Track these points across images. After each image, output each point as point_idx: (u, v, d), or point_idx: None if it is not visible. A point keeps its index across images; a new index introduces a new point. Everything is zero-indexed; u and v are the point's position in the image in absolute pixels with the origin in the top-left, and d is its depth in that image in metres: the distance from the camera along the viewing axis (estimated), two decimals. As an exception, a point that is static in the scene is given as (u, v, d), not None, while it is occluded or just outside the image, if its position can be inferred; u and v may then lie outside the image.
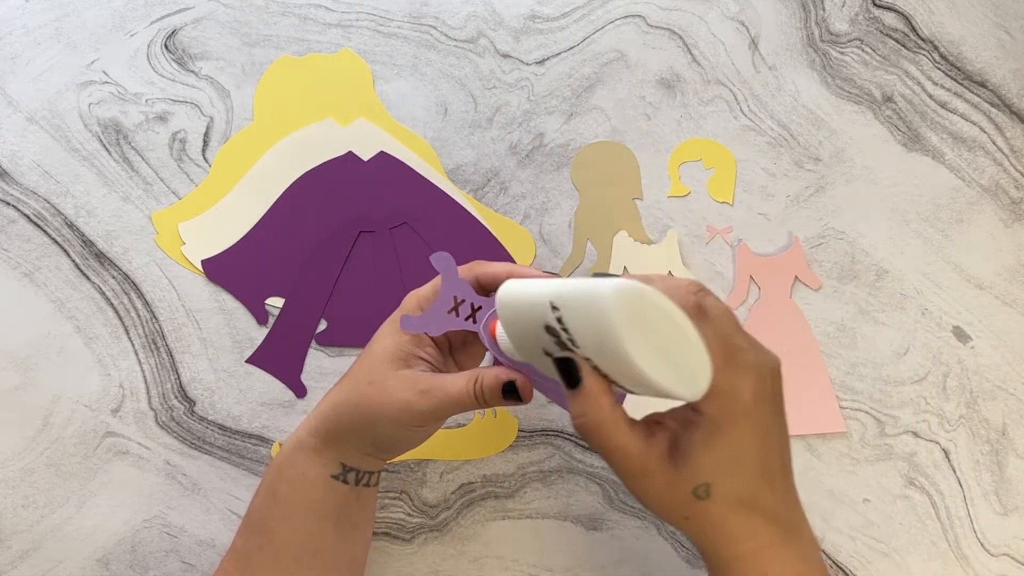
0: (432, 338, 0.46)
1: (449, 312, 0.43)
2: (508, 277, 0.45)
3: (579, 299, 0.34)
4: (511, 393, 0.42)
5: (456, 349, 0.48)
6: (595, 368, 0.36)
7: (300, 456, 0.45)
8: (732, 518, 0.37)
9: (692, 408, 0.37)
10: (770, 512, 0.37)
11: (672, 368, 0.33)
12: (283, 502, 0.44)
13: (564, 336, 0.35)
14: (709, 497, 0.36)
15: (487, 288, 0.45)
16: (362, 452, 0.45)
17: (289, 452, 0.45)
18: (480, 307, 0.44)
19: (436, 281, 0.45)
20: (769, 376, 0.37)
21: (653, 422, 0.38)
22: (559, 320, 0.35)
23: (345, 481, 0.45)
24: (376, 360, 0.44)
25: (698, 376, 0.34)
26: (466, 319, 0.44)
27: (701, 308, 0.36)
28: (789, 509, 0.38)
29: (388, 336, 0.45)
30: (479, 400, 0.42)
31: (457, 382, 0.42)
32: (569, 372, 0.36)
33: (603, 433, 0.36)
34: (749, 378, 0.36)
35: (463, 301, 0.44)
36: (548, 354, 0.37)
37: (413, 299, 0.46)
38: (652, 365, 0.33)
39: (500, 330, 0.42)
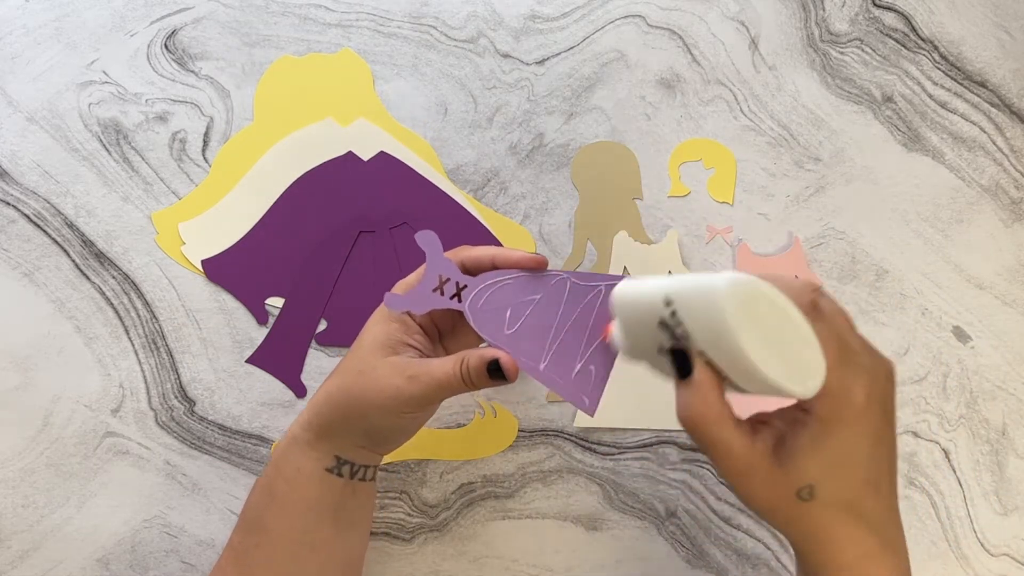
0: (421, 325, 0.46)
1: (434, 291, 0.44)
2: (492, 260, 0.45)
3: (694, 293, 0.34)
4: (496, 372, 0.41)
5: (445, 336, 0.48)
6: (708, 363, 0.35)
7: (295, 451, 0.45)
8: (835, 523, 0.36)
9: (801, 408, 0.36)
10: (874, 521, 0.36)
11: (785, 364, 0.33)
12: (280, 499, 0.44)
13: (678, 331, 0.35)
14: (813, 499, 0.35)
15: (472, 272, 0.45)
16: (356, 444, 0.45)
17: (284, 448, 0.45)
18: (465, 286, 0.44)
19: (422, 268, 0.46)
20: (883, 380, 0.36)
21: (759, 421, 0.38)
22: (673, 314, 0.35)
23: (340, 474, 0.45)
24: (365, 349, 0.44)
25: (812, 373, 0.34)
26: (451, 298, 0.44)
27: (816, 307, 0.35)
28: (892, 520, 0.37)
29: (376, 325, 0.45)
30: (466, 382, 0.42)
31: (444, 365, 0.42)
32: (681, 362, 0.36)
33: (708, 427, 0.35)
34: (862, 380, 0.35)
35: (448, 280, 0.44)
36: (662, 350, 0.37)
37: (400, 286, 0.46)
38: (765, 359, 0.32)
39: (615, 330, 0.42)
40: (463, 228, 0.57)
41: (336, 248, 0.56)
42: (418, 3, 0.59)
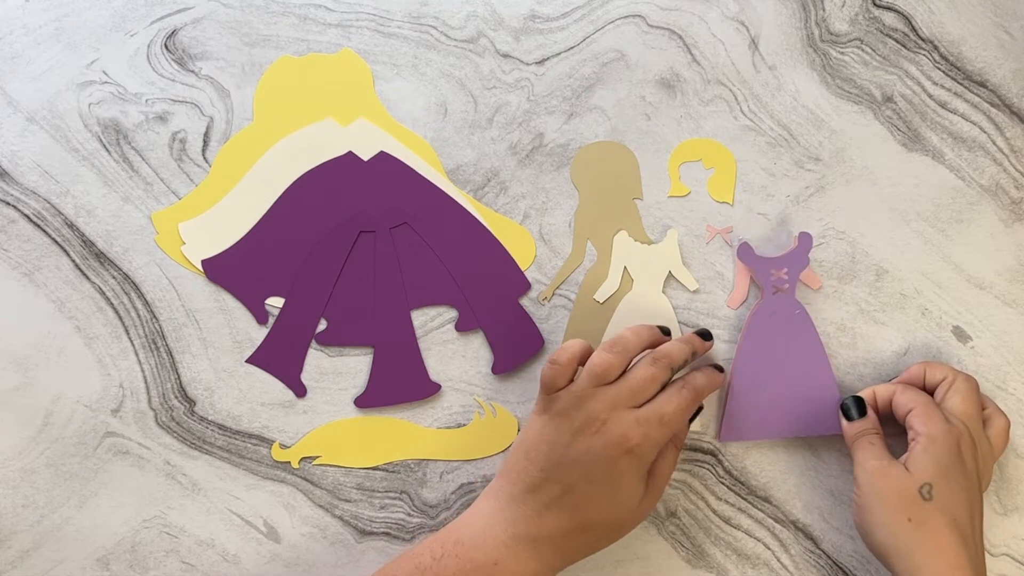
0: None
1: None
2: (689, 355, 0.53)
3: None
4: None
5: None
6: None
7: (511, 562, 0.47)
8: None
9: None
10: (970, 542, 0.47)
11: None
12: None
13: None
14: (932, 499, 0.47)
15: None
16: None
17: (499, 554, 0.47)
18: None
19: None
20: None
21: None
22: None
23: None
24: (625, 512, 0.49)
25: None
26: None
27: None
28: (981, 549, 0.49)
29: (630, 480, 0.48)
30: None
31: (667, 466, 0.51)
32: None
33: None
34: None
35: None
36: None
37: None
38: None
39: None
40: (463, 228, 0.57)
41: (336, 248, 0.56)
42: (418, 3, 0.59)
